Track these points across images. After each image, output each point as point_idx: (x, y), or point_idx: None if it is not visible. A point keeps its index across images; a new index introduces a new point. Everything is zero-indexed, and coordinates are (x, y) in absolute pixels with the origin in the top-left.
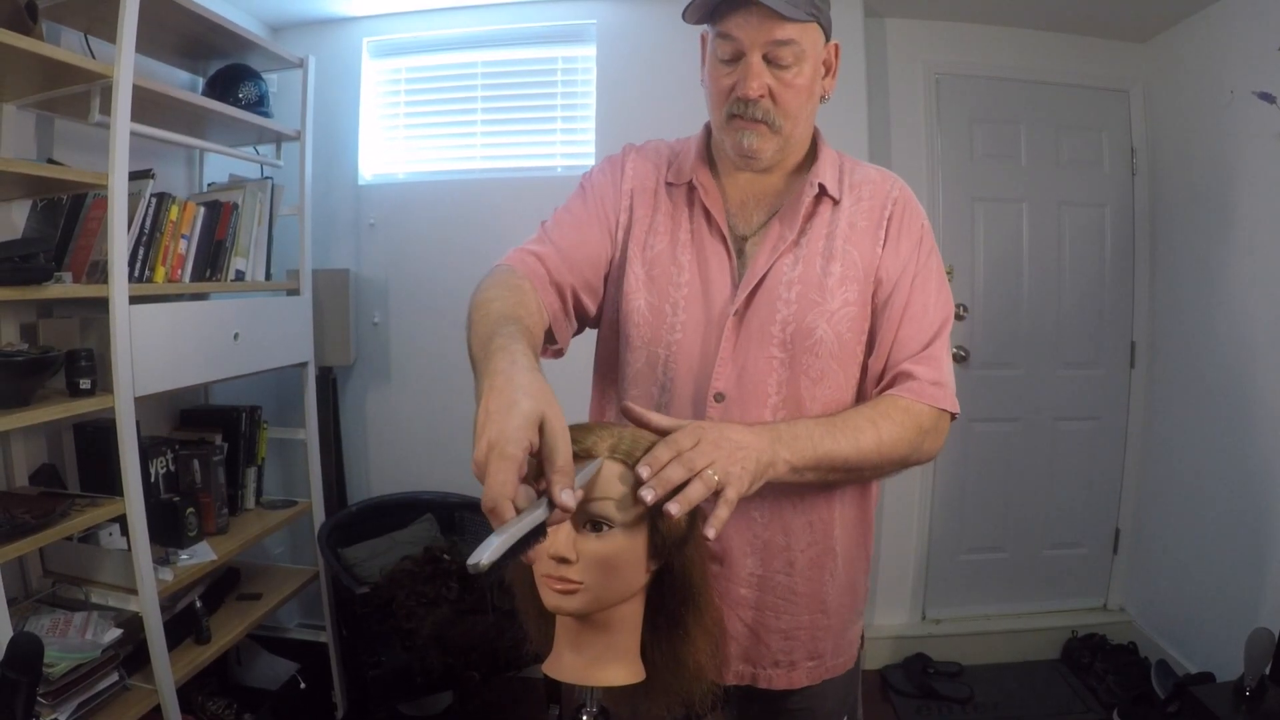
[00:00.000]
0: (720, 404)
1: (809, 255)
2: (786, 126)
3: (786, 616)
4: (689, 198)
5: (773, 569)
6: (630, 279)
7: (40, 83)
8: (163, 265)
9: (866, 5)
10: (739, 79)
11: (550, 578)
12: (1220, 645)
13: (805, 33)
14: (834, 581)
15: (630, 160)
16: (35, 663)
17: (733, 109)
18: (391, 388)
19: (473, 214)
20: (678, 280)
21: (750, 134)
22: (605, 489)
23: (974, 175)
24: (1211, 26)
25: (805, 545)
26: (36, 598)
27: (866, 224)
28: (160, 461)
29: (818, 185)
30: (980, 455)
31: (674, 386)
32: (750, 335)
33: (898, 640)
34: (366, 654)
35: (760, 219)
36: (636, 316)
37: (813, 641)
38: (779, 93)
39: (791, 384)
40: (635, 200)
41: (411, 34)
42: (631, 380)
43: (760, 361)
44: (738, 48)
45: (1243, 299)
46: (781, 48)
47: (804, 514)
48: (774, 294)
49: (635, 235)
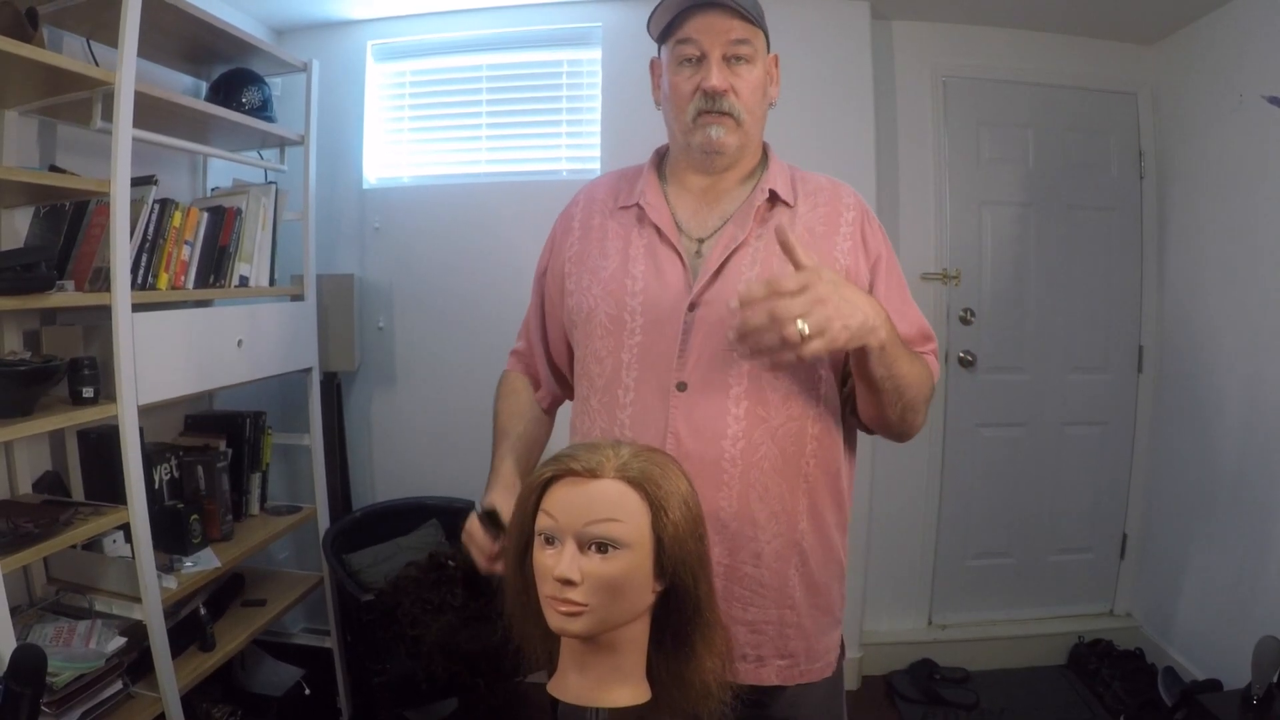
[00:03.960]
0: (683, 393)
1: (766, 256)
2: (747, 121)
3: (753, 609)
4: (639, 216)
5: (739, 559)
6: (588, 300)
7: (42, 89)
8: (166, 272)
9: (873, 7)
10: (704, 75)
11: (555, 599)
12: (1227, 652)
13: (755, 36)
14: (800, 575)
15: (580, 205)
16: (38, 674)
17: (700, 105)
18: (396, 392)
19: (478, 218)
20: (633, 289)
21: (718, 127)
22: (610, 510)
23: (981, 179)
24: (1220, 29)
25: (770, 536)
26: (41, 605)
27: (825, 229)
28: (164, 468)
29: (769, 190)
30: (987, 460)
31: (637, 385)
32: (710, 328)
33: (904, 646)
34: (371, 661)
35: (715, 224)
36: (599, 330)
37: (781, 639)
38: (738, 87)
39: (753, 375)
40: (581, 236)
41: (416, 37)
42: (603, 386)
43: (721, 353)
44: (701, 49)
45: (1251, 304)
46: (739, 45)
47: (768, 505)
48: (732, 290)
49: (588, 264)
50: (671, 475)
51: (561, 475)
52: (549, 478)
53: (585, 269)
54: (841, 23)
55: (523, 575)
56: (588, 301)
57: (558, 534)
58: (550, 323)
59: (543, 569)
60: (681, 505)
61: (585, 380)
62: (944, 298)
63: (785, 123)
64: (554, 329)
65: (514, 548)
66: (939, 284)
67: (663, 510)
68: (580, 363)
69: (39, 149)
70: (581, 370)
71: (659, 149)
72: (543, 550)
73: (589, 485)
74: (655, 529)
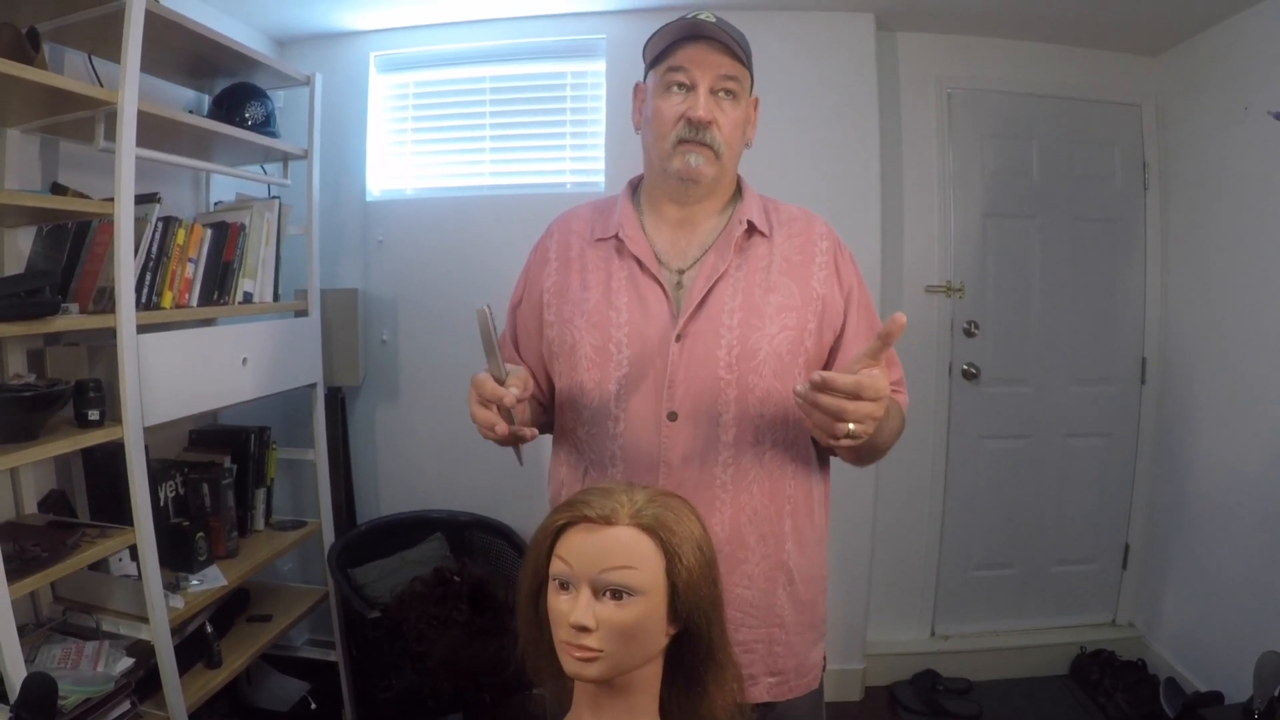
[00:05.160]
0: (674, 422)
1: (748, 286)
2: (725, 154)
3: (745, 629)
4: (618, 248)
5: (731, 581)
6: (571, 333)
7: (43, 109)
8: (170, 290)
9: (878, 19)
10: (691, 105)
11: (570, 645)
12: (1230, 664)
13: (743, 75)
14: (788, 594)
15: (554, 237)
16: (49, 702)
17: (682, 133)
18: (400, 405)
19: (481, 230)
20: (617, 321)
21: (697, 155)
22: (625, 557)
23: (985, 191)
24: (1225, 41)
25: (760, 558)
26: (49, 626)
27: (801, 258)
28: (169, 485)
29: (746, 221)
30: (991, 472)
31: (627, 415)
32: (697, 358)
33: (907, 657)
34: (377, 677)
35: (694, 254)
36: (585, 362)
37: (770, 656)
38: (721, 122)
39: (740, 403)
40: (559, 268)
41: (419, 48)
42: (591, 419)
43: (709, 381)
44: (691, 79)
45: (1254, 316)
46: (728, 81)
47: (757, 528)
48: (717, 320)
49: (569, 296)
50: (685, 520)
51: (576, 521)
52: (563, 524)
53: (566, 301)
54: (846, 34)
55: (536, 614)
56: (571, 334)
57: (572, 580)
58: (526, 354)
59: (558, 614)
60: (695, 551)
61: (570, 412)
62: (948, 310)
63: (790, 135)
64: (530, 359)
65: (527, 588)
66: (943, 296)
67: (677, 556)
68: (564, 394)
69: (41, 166)
70: (566, 402)
71: (632, 180)
72: (557, 595)
73: (604, 532)
74: (669, 575)
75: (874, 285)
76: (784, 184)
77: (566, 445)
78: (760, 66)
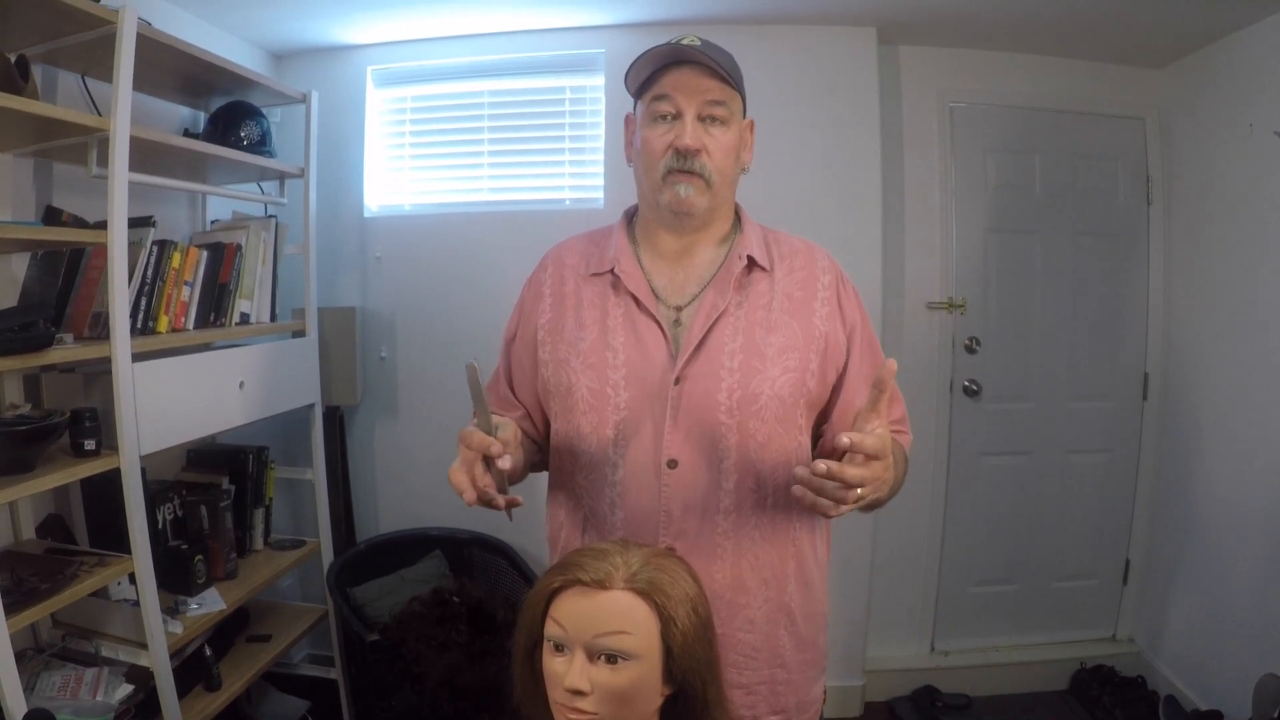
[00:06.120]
0: (674, 470)
1: (748, 326)
2: (717, 182)
3: (748, 672)
4: (614, 284)
5: (733, 627)
6: (567, 374)
7: (35, 135)
8: (165, 314)
9: (880, 33)
10: (677, 133)
11: (565, 707)
12: (1230, 681)
13: (732, 99)
14: (790, 635)
15: (549, 271)
16: None
17: (671, 164)
18: (399, 423)
19: (480, 246)
20: (614, 362)
21: (687, 185)
22: (619, 622)
23: (987, 205)
24: (1230, 56)
25: (761, 602)
26: (49, 653)
27: (803, 294)
28: (168, 508)
29: (746, 257)
30: (992, 488)
31: (626, 462)
32: (696, 402)
33: (906, 673)
34: (377, 698)
35: (693, 290)
36: (581, 405)
37: (773, 696)
38: (711, 149)
39: (741, 448)
40: (553, 303)
41: (416, 63)
42: (589, 464)
43: (709, 427)
44: (677, 107)
45: (1257, 332)
46: (715, 106)
47: (759, 573)
48: (717, 363)
49: (564, 335)
50: (680, 582)
51: (570, 585)
52: (558, 586)
53: (562, 340)
54: (848, 48)
55: (532, 670)
56: (566, 375)
57: (567, 643)
58: (520, 390)
59: (553, 676)
60: (690, 613)
61: (568, 455)
62: (950, 327)
63: (791, 149)
64: (525, 395)
65: (523, 646)
66: (944, 313)
67: (672, 620)
68: (560, 436)
69: (35, 190)
70: (563, 445)
71: (628, 210)
72: (552, 657)
73: (598, 596)
74: (664, 638)
75: (875, 301)
76: (785, 198)
77: (565, 490)
78: (761, 80)
